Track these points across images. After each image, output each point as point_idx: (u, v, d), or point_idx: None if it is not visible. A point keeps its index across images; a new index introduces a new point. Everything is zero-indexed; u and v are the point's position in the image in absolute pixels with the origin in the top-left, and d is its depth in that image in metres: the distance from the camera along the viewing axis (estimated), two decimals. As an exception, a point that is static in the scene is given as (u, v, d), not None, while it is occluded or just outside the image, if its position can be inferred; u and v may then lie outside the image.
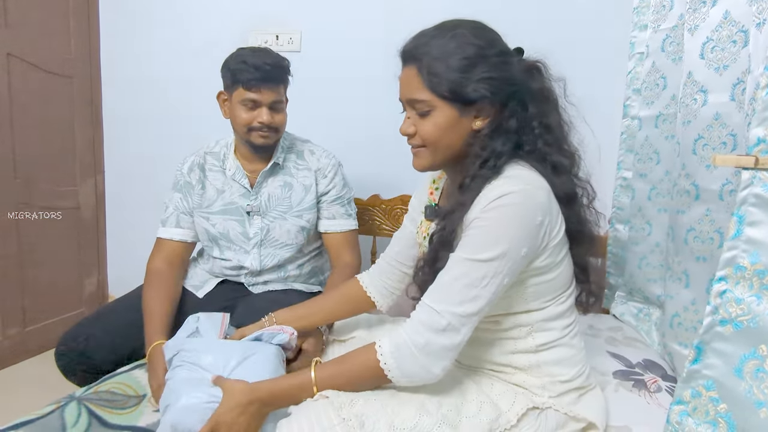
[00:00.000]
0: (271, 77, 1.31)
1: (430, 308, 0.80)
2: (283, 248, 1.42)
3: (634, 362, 1.21)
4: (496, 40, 0.88)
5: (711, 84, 1.07)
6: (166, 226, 1.42)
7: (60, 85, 2.07)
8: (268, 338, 1.04)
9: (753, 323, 0.70)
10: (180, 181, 1.43)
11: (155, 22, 2.14)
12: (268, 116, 1.31)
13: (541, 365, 0.90)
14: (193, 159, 1.45)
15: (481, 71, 0.82)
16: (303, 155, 1.47)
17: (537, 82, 0.87)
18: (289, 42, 1.98)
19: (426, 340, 0.79)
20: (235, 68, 1.30)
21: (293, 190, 1.43)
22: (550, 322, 0.90)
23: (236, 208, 1.40)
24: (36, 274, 2.02)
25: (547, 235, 0.83)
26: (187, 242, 1.44)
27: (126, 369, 1.15)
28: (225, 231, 1.40)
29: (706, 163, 1.08)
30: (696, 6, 1.12)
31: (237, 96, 1.31)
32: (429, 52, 0.84)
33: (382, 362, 0.81)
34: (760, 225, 0.70)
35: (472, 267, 0.79)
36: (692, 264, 1.14)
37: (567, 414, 0.89)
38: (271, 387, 0.87)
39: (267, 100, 1.31)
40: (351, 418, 0.78)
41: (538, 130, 0.86)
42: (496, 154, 0.84)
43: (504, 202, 0.79)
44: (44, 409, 1.00)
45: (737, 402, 0.72)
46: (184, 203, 1.42)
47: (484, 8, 1.42)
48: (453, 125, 0.85)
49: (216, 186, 1.42)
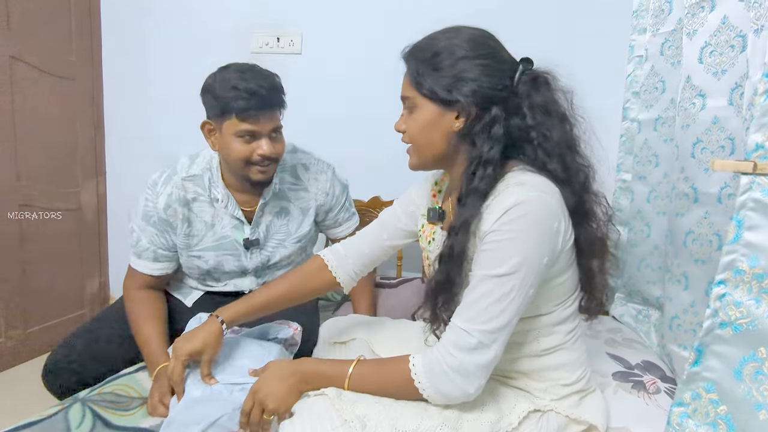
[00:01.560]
0: (269, 103, 1.13)
1: (459, 329, 0.80)
2: (282, 269, 1.37)
3: (634, 363, 1.22)
4: (494, 48, 0.87)
5: (709, 88, 1.07)
6: (142, 259, 1.25)
7: (62, 88, 2.07)
8: (274, 332, 1.05)
9: (752, 326, 0.71)
10: (153, 216, 1.23)
11: (156, 25, 2.14)
12: (268, 147, 1.15)
13: (544, 369, 0.91)
14: (171, 193, 1.22)
15: (463, 74, 0.83)
16: (296, 172, 1.34)
17: (540, 93, 0.86)
18: (290, 44, 1.99)
19: (459, 361, 0.79)
20: (224, 96, 1.10)
21: (290, 215, 1.32)
22: (556, 326, 0.90)
23: (230, 242, 1.27)
24: (38, 275, 2.02)
25: (564, 239, 0.84)
26: (165, 275, 1.30)
27: (129, 371, 1.15)
28: (219, 265, 1.28)
29: (705, 166, 1.09)
30: (694, 11, 1.12)
31: (229, 127, 1.13)
32: (422, 53, 0.87)
33: (416, 381, 0.81)
34: (758, 229, 0.71)
35: (496, 284, 0.78)
36: (691, 266, 1.15)
37: (568, 416, 0.90)
38: (314, 365, 0.91)
39: (266, 129, 1.14)
40: (353, 419, 0.78)
41: (536, 141, 0.86)
42: (483, 161, 0.84)
43: (520, 212, 0.78)
44: (48, 410, 1.00)
45: (737, 404, 0.73)
46: (162, 240, 1.25)
47: (484, 10, 1.43)
48: (433, 123, 0.87)
49: (204, 219, 1.25)
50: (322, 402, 0.83)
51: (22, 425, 0.95)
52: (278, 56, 2.00)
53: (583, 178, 0.88)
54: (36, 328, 2.04)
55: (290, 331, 1.05)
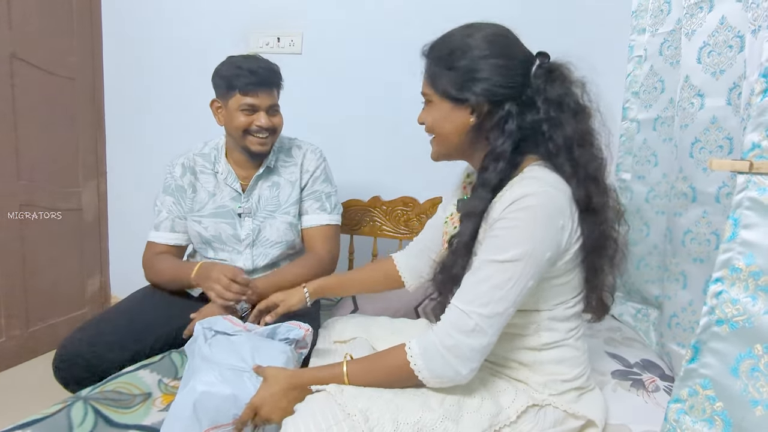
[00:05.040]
0: (267, 81, 1.33)
1: (459, 309, 0.82)
2: (273, 247, 1.43)
3: (633, 362, 1.22)
4: (508, 45, 0.89)
5: (708, 88, 1.08)
6: (160, 230, 1.43)
7: (63, 87, 2.08)
8: (284, 333, 1.06)
9: (748, 323, 0.72)
10: (171, 184, 1.44)
11: (157, 25, 2.15)
12: (266, 120, 1.33)
13: (544, 363, 0.92)
14: (183, 162, 1.45)
15: (476, 73, 0.86)
16: (291, 152, 1.49)
17: (554, 87, 0.87)
18: (290, 44, 2.00)
19: (455, 341, 0.81)
20: (230, 74, 1.31)
21: (281, 188, 1.45)
22: (557, 323, 0.92)
23: (227, 211, 1.42)
24: (39, 274, 2.02)
25: (569, 239, 0.85)
26: (181, 245, 1.46)
27: (131, 369, 1.16)
28: (217, 233, 1.41)
29: (703, 166, 1.09)
30: (693, 11, 1.13)
31: (234, 102, 1.32)
32: (438, 51, 0.91)
33: (411, 363, 0.83)
34: (754, 227, 0.72)
35: (497, 269, 0.81)
36: (689, 265, 1.16)
37: (566, 411, 0.91)
38: (312, 375, 0.91)
39: (264, 104, 1.33)
40: (356, 413, 0.79)
41: (548, 134, 0.87)
42: (495, 155, 0.86)
43: (527, 203, 0.80)
44: (50, 408, 1.00)
45: (733, 400, 0.73)
46: (178, 207, 1.43)
47: (484, 10, 1.44)
48: (448, 119, 0.91)
49: (207, 189, 1.44)
50: (324, 397, 0.84)
51: (25, 423, 0.95)
52: (278, 56, 2.00)
53: (593, 171, 0.88)
54: (37, 327, 2.04)
55: (301, 332, 1.06)
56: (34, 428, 0.94)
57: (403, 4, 1.87)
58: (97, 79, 2.23)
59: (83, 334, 1.24)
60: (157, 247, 1.43)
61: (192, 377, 0.93)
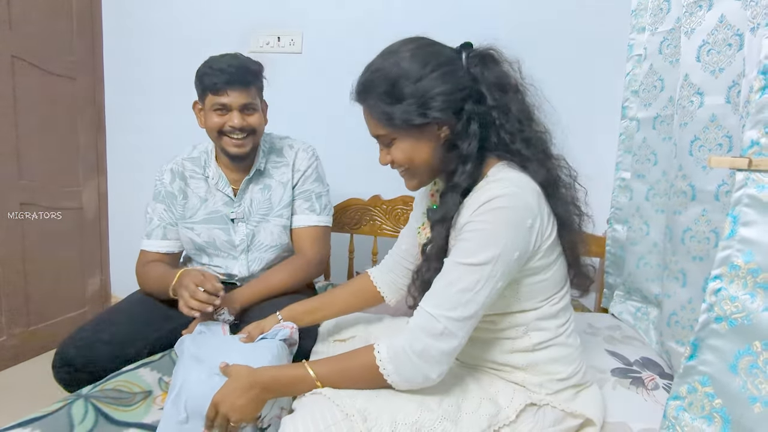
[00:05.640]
0: (237, 79, 1.29)
1: (427, 313, 0.82)
2: (268, 251, 1.42)
3: (632, 360, 1.22)
4: (436, 51, 0.88)
5: (707, 86, 1.08)
6: (152, 238, 1.41)
7: (63, 87, 2.08)
8: (272, 334, 1.06)
9: (747, 320, 0.72)
10: (161, 191, 1.41)
11: (157, 24, 2.15)
12: (239, 119, 1.29)
13: (538, 364, 0.92)
14: (172, 167, 1.42)
15: (428, 93, 0.84)
16: (282, 152, 1.46)
17: (492, 71, 0.88)
18: (290, 44, 2.00)
19: (424, 345, 0.81)
20: (201, 75, 1.30)
21: (272, 190, 1.42)
22: (545, 321, 0.92)
23: (220, 216, 1.40)
24: (39, 274, 2.03)
25: (539, 237, 0.85)
26: (174, 253, 1.44)
27: (132, 367, 1.16)
28: (210, 239, 1.40)
29: (703, 164, 1.09)
30: (692, 9, 1.13)
31: (208, 103, 1.31)
32: (373, 89, 0.88)
33: (381, 367, 0.83)
34: (753, 225, 0.72)
35: (465, 271, 0.81)
36: (689, 263, 1.16)
37: (564, 410, 0.91)
38: (273, 374, 0.89)
39: (236, 103, 1.29)
40: (354, 413, 0.79)
41: (498, 120, 0.87)
42: (463, 158, 0.86)
43: (494, 205, 0.80)
44: (51, 406, 1.00)
45: (732, 397, 0.73)
46: (169, 214, 1.41)
47: (484, 10, 1.44)
48: (417, 146, 0.88)
49: (199, 194, 1.41)
50: (322, 397, 0.84)
51: (25, 421, 0.95)
52: (278, 56, 2.01)
53: (542, 146, 0.90)
54: (37, 326, 2.05)
55: (287, 332, 1.06)
56: (34, 426, 0.95)
57: (403, 4, 1.87)
58: (98, 78, 2.23)
59: (83, 335, 1.24)
60: (149, 255, 1.41)
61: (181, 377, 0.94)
